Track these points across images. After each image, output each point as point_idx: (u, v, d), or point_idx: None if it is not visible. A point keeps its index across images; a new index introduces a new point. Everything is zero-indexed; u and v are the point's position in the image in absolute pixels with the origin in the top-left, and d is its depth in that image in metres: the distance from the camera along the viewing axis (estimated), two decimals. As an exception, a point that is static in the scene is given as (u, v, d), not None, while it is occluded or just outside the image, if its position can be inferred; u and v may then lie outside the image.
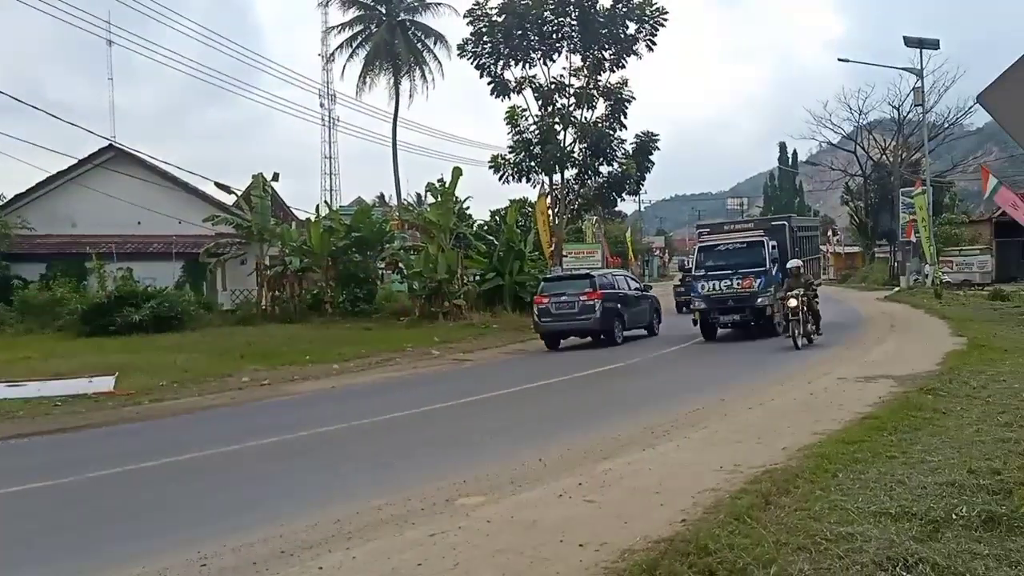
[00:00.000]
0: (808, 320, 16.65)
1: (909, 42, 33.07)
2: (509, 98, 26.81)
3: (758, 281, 19.01)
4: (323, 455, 9.01)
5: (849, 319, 23.62)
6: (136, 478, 8.24)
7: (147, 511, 7.01)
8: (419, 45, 46.90)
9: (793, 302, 16.31)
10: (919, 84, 36.24)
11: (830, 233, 73.20)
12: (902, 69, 39.11)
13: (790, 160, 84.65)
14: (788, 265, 17.71)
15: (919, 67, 35.06)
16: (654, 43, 26.09)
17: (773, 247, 19.57)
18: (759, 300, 18.98)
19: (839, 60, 74.09)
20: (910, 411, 8.22)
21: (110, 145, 30.03)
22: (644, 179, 28.02)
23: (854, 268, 61.13)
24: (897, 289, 38.47)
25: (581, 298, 20.11)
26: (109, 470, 8.44)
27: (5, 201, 29.93)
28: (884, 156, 53.02)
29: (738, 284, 19.19)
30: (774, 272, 19.07)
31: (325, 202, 41.95)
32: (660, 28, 25.82)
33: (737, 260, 19.52)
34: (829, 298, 33.85)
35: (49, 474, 8.34)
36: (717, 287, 19.37)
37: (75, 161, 29.75)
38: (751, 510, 5.06)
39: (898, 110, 49.44)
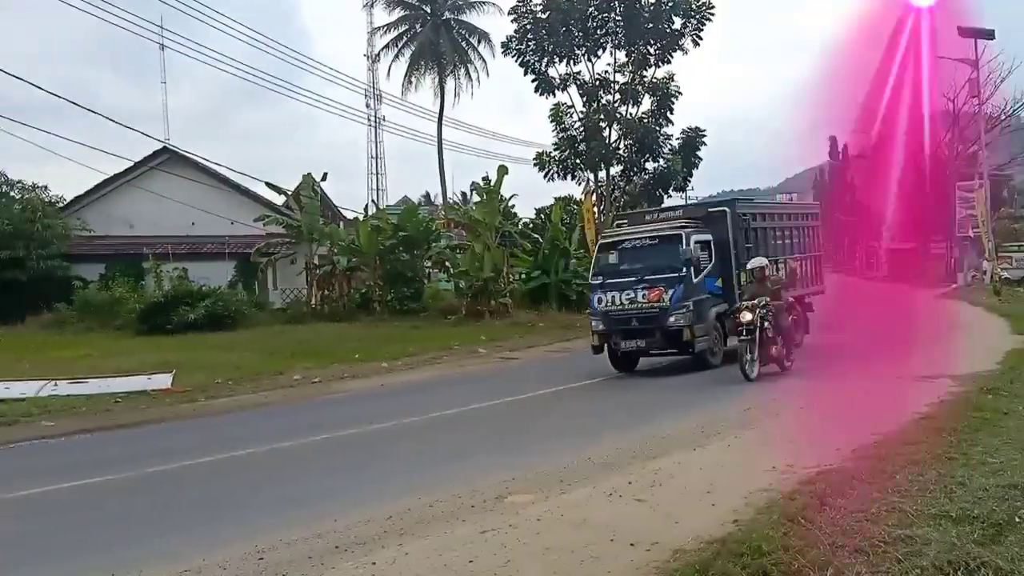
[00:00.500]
0: (774, 341, 12.48)
1: (964, 32, 32.13)
2: (554, 95, 26.84)
3: (670, 292, 13.80)
4: (374, 452, 9.15)
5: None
6: (194, 473, 8.49)
7: (205, 505, 7.22)
8: (464, 44, 47.06)
9: (747, 315, 12.14)
10: (974, 75, 35.21)
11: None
12: (956, 60, 37.94)
13: (840, 154, 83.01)
14: (748, 266, 13.41)
15: (974, 58, 34.07)
16: (700, 38, 25.86)
17: (699, 244, 14.33)
18: (671, 319, 13.76)
19: (891, 51, 71.89)
20: (970, 411, 7.99)
21: (164, 148, 30.81)
22: (691, 175, 27.72)
23: (908, 264, 59.75)
24: (954, 286, 37.49)
25: None
26: (168, 465, 8.72)
27: (65, 203, 30.87)
28: (938, 149, 51.60)
29: (643, 297, 14.07)
30: (696, 279, 14.06)
31: (372, 201, 42.37)
32: (707, 23, 25.58)
33: (646, 263, 14.26)
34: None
35: (110, 468, 8.64)
36: (618, 300, 14.26)
37: (131, 164, 30.60)
38: (805, 511, 4.98)
39: (952, 102, 48.01)
